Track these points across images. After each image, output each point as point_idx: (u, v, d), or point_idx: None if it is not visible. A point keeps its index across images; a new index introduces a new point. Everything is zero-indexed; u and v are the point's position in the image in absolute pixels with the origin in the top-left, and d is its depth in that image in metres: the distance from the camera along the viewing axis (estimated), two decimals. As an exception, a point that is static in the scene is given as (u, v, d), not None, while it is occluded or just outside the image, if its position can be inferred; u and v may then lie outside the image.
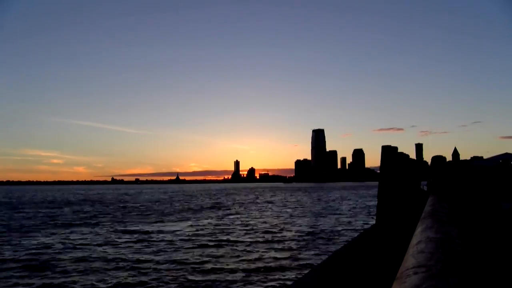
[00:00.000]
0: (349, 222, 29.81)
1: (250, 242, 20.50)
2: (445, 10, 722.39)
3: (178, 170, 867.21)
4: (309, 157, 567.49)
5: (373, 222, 20.52)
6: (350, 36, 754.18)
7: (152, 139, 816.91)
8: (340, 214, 37.43)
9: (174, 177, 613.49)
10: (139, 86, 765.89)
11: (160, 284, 12.67)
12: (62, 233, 24.36)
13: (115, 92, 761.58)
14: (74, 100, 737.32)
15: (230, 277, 13.41)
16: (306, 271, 12.43)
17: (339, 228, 26.00)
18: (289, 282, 12.31)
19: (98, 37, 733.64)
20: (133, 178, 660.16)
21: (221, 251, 18.04)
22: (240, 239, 21.64)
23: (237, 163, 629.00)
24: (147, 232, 24.61)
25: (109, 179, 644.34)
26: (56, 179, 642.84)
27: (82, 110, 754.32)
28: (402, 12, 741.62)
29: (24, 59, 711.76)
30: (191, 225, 28.67)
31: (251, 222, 30.17)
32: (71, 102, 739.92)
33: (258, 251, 17.97)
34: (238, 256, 16.76)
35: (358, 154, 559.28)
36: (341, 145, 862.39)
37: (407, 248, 2.09)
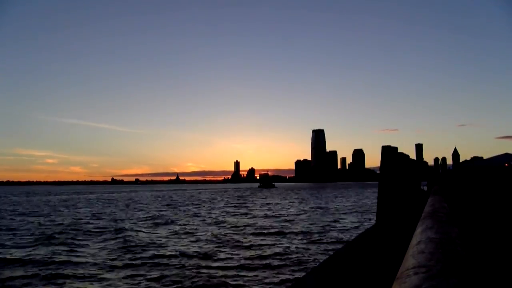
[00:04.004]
0: None
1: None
2: (444, 10, 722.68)
3: (176, 170, 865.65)
4: (309, 157, 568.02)
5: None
6: (349, 36, 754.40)
7: (148, 139, 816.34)
8: None
9: (172, 177, 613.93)
10: (134, 85, 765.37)
11: None
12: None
13: (108, 91, 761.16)
14: (66, 99, 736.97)
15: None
16: (307, 271, 12.44)
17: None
18: (289, 283, 12.31)
19: (96, 36, 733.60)
20: (131, 178, 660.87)
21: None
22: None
23: (237, 163, 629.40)
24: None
25: (108, 179, 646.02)
26: (56, 179, 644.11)
27: (74, 109, 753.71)
28: (400, 11, 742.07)
29: (16, 58, 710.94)
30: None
31: None
32: (63, 101, 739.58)
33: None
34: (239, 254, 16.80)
35: (358, 154, 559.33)
36: (341, 145, 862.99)
37: (407, 249, 2.09)
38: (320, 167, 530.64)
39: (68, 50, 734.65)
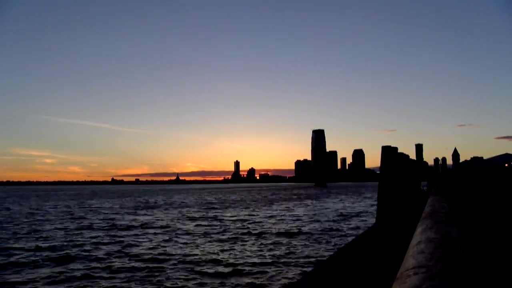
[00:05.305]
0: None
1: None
2: (443, 11, 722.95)
3: (175, 170, 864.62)
4: (309, 158, 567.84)
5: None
6: (349, 37, 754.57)
7: (147, 139, 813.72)
8: None
9: (172, 178, 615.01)
10: (133, 85, 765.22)
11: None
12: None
13: (107, 91, 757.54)
14: (65, 99, 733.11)
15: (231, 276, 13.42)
16: (306, 272, 12.44)
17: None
18: (289, 283, 12.31)
19: (94, 36, 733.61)
20: (131, 178, 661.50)
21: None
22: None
23: (237, 163, 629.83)
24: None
25: (107, 178, 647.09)
26: (55, 179, 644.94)
27: (73, 109, 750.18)
28: (399, 13, 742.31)
29: (14, 58, 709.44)
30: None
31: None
32: (62, 100, 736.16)
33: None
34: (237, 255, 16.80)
35: (358, 155, 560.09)
36: (341, 146, 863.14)
37: (407, 249, 2.09)
38: (320, 167, 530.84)
39: (67, 50, 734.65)
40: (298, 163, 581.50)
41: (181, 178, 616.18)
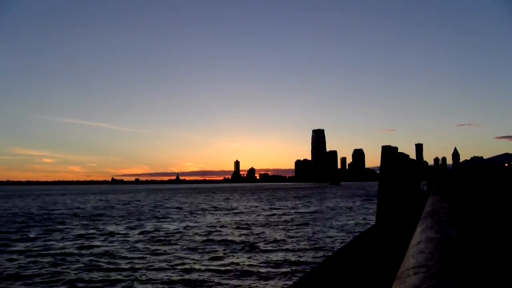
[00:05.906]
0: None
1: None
2: (443, 9, 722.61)
3: (175, 170, 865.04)
4: (309, 157, 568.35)
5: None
6: (349, 36, 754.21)
7: (147, 138, 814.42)
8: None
9: (172, 177, 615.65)
10: (133, 84, 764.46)
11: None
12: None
13: (107, 90, 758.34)
14: (64, 98, 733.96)
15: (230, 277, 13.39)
16: (306, 272, 12.43)
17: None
18: (289, 283, 12.31)
19: (94, 36, 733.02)
20: (131, 178, 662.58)
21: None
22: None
23: (237, 163, 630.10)
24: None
25: (106, 178, 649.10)
26: (54, 179, 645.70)
27: (72, 109, 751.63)
28: (399, 12, 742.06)
29: (14, 57, 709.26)
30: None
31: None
32: (61, 100, 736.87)
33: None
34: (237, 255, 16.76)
35: (358, 154, 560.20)
36: (341, 145, 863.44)
37: (407, 248, 2.09)
38: (320, 167, 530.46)
39: (66, 50, 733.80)
40: (298, 162, 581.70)
41: (181, 178, 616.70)
